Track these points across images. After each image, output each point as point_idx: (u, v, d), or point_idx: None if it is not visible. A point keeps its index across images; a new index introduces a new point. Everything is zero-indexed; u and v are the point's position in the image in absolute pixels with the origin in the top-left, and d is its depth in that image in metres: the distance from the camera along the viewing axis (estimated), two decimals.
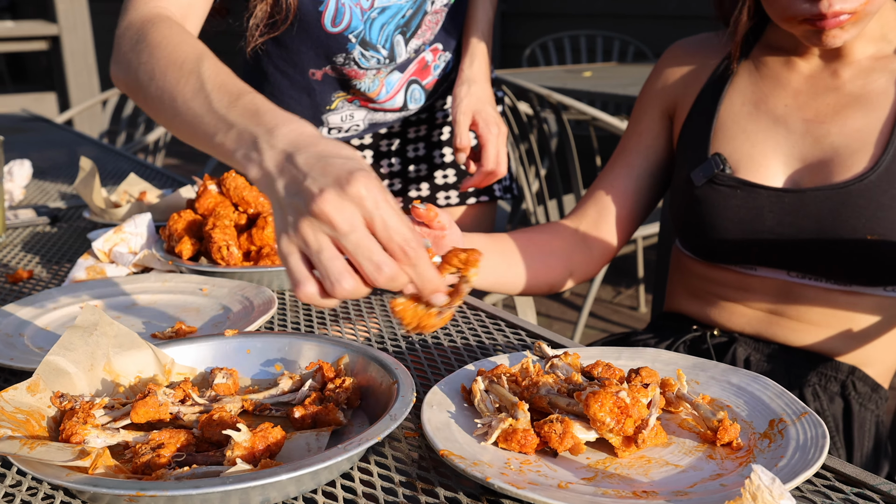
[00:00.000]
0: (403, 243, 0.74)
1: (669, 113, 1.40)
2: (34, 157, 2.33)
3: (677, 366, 0.95)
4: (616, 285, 4.16)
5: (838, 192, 1.17)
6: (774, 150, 1.24)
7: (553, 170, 3.17)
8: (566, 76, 4.08)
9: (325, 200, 0.73)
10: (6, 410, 0.80)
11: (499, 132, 1.56)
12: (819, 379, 1.25)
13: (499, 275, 1.32)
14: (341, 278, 0.74)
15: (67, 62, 5.53)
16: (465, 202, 1.82)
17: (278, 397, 0.90)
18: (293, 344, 0.98)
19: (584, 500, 0.71)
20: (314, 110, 1.68)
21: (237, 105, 0.86)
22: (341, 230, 0.73)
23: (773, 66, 1.29)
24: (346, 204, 0.73)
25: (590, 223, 1.41)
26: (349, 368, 0.94)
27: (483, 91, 1.59)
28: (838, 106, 1.22)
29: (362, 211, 0.73)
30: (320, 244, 0.74)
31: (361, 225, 0.74)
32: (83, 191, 1.63)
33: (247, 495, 0.73)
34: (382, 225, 0.74)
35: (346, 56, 1.55)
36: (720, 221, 1.25)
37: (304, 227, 0.74)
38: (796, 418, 0.81)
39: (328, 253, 0.74)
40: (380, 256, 0.74)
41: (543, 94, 3.01)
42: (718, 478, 0.75)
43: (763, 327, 1.29)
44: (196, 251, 1.34)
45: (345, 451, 0.75)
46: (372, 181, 0.74)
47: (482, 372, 0.91)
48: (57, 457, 0.74)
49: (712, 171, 1.26)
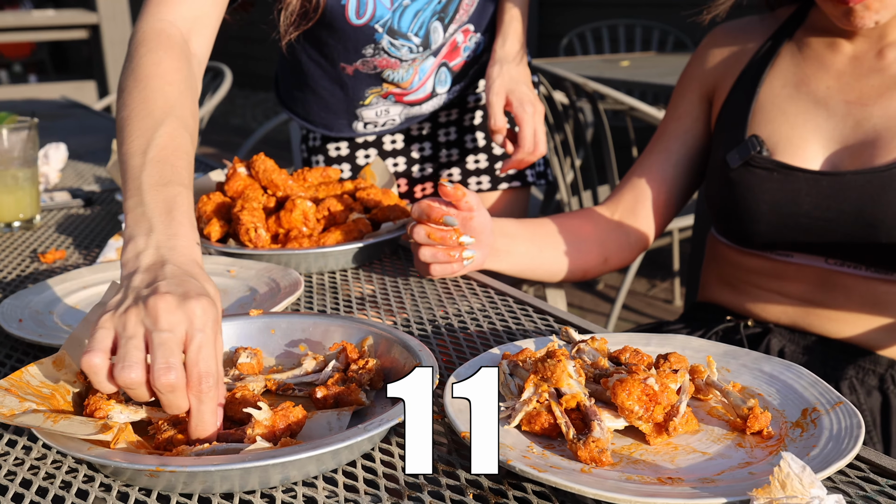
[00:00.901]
0: (204, 374, 0.76)
1: (709, 96, 1.37)
2: (71, 142, 2.34)
3: (708, 353, 0.92)
4: (651, 278, 4.12)
5: (879, 175, 1.14)
6: (814, 132, 1.21)
7: (588, 160, 3.14)
8: (603, 65, 4.04)
9: (163, 300, 0.77)
10: (32, 384, 0.81)
11: (534, 111, 1.52)
12: (857, 372, 1.22)
13: (530, 259, 1.31)
14: (133, 367, 0.75)
15: (107, 50, 5.57)
16: (497, 188, 1.80)
17: (301, 377, 0.89)
18: (317, 325, 0.97)
19: (608, 485, 0.69)
20: (348, 104, 1.67)
21: (161, 192, 0.91)
22: (159, 326, 0.76)
23: (816, 48, 1.26)
24: (179, 312, 0.77)
25: (626, 209, 1.39)
26: (373, 350, 0.93)
27: (516, 70, 1.56)
28: (882, 88, 1.18)
29: (188, 326, 0.77)
30: (135, 332, 0.76)
31: (179, 334, 0.76)
32: (115, 174, 1.63)
33: (266, 473, 0.73)
34: (196, 347, 0.77)
35: (375, 46, 1.54)
36: (755, 205, 1.22)
37: (131, 313, 0.77)
38: (830, 408, 0.79)
39: (136, 342, 0.76)
40: (175, 362, 0.75)
41: (579, 82, 2.98)
42: (747, 466, 0.73)
43: (799, 318, 1.26)
44: (224, 233, 1.33)
45: (365, 430, 0.74)
46: (211, 311, 0.78)
47: (507, 356, 0.89)
48: (80, 430, 0.75)
49: (748, 152, 1.23)
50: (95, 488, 0.75)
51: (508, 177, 1.79)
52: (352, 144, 1.78)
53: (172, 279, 0.81)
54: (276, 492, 0.74)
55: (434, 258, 1.18)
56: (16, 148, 1.48)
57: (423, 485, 0.74)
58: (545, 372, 0.81)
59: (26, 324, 1.04)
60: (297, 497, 0.73)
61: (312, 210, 1.31)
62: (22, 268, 1.34)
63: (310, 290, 1.23)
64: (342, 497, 0.73)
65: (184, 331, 0.77)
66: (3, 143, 1.47)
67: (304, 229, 1.31)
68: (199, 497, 0.73)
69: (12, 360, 1.00)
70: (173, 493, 0.73)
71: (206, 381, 0.76)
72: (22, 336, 0.99)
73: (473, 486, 0.74)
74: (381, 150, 1.79)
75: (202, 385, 0.76)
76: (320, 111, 1.71)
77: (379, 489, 0.74)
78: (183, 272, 0.83)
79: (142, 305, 0.77)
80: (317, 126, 1.74)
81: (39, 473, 0.77)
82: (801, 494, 0.62)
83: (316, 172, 1.43)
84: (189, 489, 0.73)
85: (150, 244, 0.86)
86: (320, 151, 1.80)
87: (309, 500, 0.72)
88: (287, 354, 0.96)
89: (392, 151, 1.79)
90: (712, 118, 1.36)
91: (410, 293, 1.21)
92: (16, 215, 1.51)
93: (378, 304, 1.17)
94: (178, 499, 0.73)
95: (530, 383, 0.81)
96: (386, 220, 1.35)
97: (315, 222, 1.32)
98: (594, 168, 3.14)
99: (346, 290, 1.22)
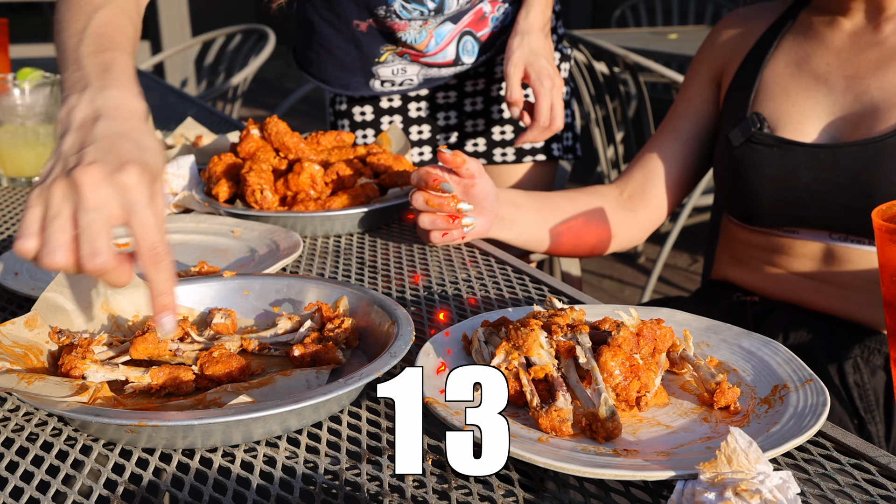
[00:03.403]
0: (153, 244, 0.75)
1: (718, 78, 1.38)
2: None
3: (689, 327, 0.91)
4: (693, 252, 4.08)
5: (874, 145, 1.14)
6: (814, 108, 1.21)
7: (629, 133, 3.11)
8: (650, 38, 3.98)
9: (88, 172, 0.73)
10: (4, 344, 0.80)
11: (552, 85, 1.51)
12: (862, 351, 1.20)
13: (536, 230, 1.30)
14: (57, 250, 0.73)
15: (161, 11, 5.62)
16: (521, 160, 1.78)
17: (278, 337, 0.90)
18: (292, 286, 0.97)
19: (561, 454, 0.69)
20: (363, 62, 1.66)
21: (98, 56, 0.88)
22: (85, 205, 0.73)
23: (817, 27, 1.27)
24: (106, 186, 0.73)
25: (635, 187, 1.39)
26: (348, 310, 0.93)
27: (537, 43, 1.55)
28: (880, 61, 1.18)
29: (122, 200, 0.74)
30: (59, 210, 0.73)
31: (108, 210, 0.73)
32: None
33: (248, 427, 0.73)
34: (138, 223, 0.74)
35: (386, 8, 1.53)
36: (757, 181, 1.22)
37: (55, 188, 0.74)
38: (800, 385, 0.77)
39: (60, 223, 0.73)
40: (101, 244, 0.73)
41: (620, 54, 2.94)
42: (708, 440, 0.73)
43: (806, 294, 1.24)
44: (232, 194, 1.34)
45: (345, 384, 0.75)
46: (145, 177, 0.75)
47: (485, 323, 0.89)
48: (55, 392, 0.74)
49: (750, 129, 1.24)
50: (76, 450, 0.76)
51: (534, 150, 1.78)
52: (377, 110, 1.78)
53: (103, 141, 0.77)
54: (238, 451, 0.75)
55: (433, 225, 1.18)
56: (38, 104, 1.51)
57: (383, 448, 0.75)
58: (517, 340, 0.81)
59: (22, 277, 1.06)
60: (258, 456, 0.74)
61: (320, 174, 1.32)
62: None
63: (312, 253, 1.24)
64: (301, 459, 0.74)
65: (115, 206, 0.74)
66: (25, 99, 1.49)
67: (312, 192, 1.31)
68: (183, 451, 0.74)
69: (6, 312, 1.02)
70: (156, 449, 0.74)
71: (156, 250, 0.75)
72: (15, 289, 1.01)
73: (433, 451, 0.74)
74: (406, 116, 1.78)
75: (154, 256, 0.75)
76: (336, 70, 1.71)
77: (340, 451, 0.74)
78: (115, 131, 0.79)
79: (66, 179, 0.74)
80: (333, 86, 1.74)
81: (9, 425, 0.79)
82: (747, 470, 0.62)
83: (330, 136, 1.43)
84: (171, 445, 0.74)
85: (84, 98, 0.82)
86: (346, 115, 1.80)
87: (269, 460, 0.73)
88: (264, 315, 0.96)
89: (417, 119, 1.79)
90: (720, 99, 1.37)
91: (411, 260, 1.21)
92: (36, 171, 1.54)
93: (377, 270, 1.17)
94: (158, 455, 0.74)
95: (502, 350, 0.81)
96: (394, 186, 1.35)
97: (323, 186, 1.32)
98: (634, 140, 3.11)
99: (349, 255, 1.23)
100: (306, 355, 0.85)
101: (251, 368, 0.85)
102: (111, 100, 0.82)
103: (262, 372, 0.86)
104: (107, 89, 0.83)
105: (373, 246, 1.27)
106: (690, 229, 4.07)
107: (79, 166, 0.74)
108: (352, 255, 1.23)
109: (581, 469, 0.66)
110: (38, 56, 4.30)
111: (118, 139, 0.78)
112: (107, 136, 0.78)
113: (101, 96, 0.82)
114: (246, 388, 0.80)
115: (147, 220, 0.75)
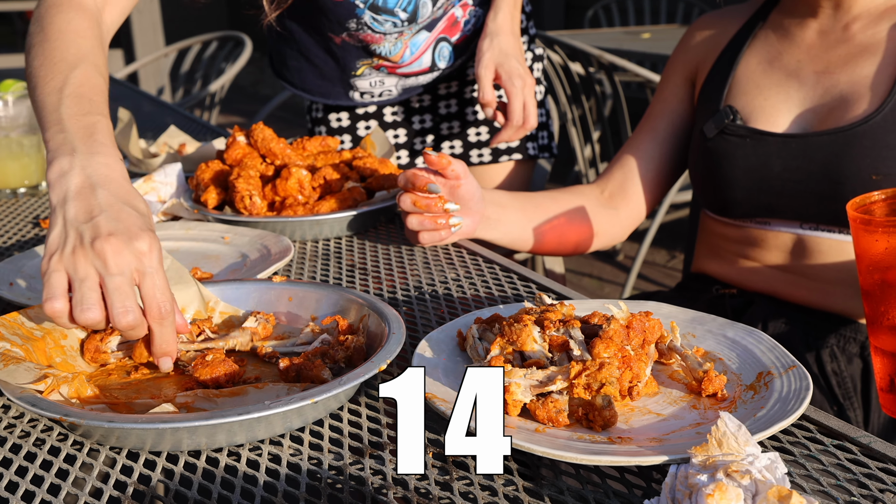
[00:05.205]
0: (161, 304, 0.84)
1: (692, 78, 1.42)
2: None
3: (675, 318, 0.95)
4: (671, 249, 4.13)
5: (843, 134, 1.18)
6: (785, 101, 1.26)
7: (605, 132, 3.14)
8: (624, 38, 4.02)
9: (109, 243, 0.82)
10: (25, 326, 0.87)
11: (524, 84, 1.54)
12: (838, 340, 1.24)
13: (521, 229, 1.33)
14: (91, 308, 0.82)
15: (133, 19, 5.62)
16: (498, 160, 1.81)
17: (292, 347, 0.91)
18: (329, 297, 0.99)
19: (558, 443, 0.72)
20: (341, 73, 1.68)
21: (81, 119, 0.94)
22: (110, 270, 0.82)
23: (787, 27, 1.31)
24: (126, 254, 0.82)
25: (616, 186, 1.43)
26: (366, 327, 0.93)
27: (507, 43, 1.57)
28: (848, 56, 1.23)
29: (138, 265, 0.83)
30: (87, 274, 0.82)
31: (129, 274, 0.83)
32: (121, 141, 1.66)
33: (232, 430, 0.76)
34: (150, 285, 0.84)
35: (357, 21, 1.55)
36: (731, 171, 1.27)
37: (79, 255, 0.83)
38: (783, 371, 0.81)
39: (90, 283, 0.82)
40: (131, 304, 0.82)
41: (595, 54, 2.98)
42: (697, 426, 0.75)
43: (781, 287, 1.28)
44: (221, 200, 1.36)
45: (339, 384, 0.77)
46: (156, 244, 0.85)
47: (478, 320, 0.92)
48: (20, 378, 0.78)
49: (723, 121, 1.28)
50: (68, 446, 0.78)
51: (510, 149, 1.80)
52: (352, 115, 1.80)
53: (109, 210, 0.85)
54: (243, 450, 0.77)
55: (421, 226, 1.21)
56: (21, 115, 1.52)
57: (385, 444, 0.77)
58: (511, 335, 0.83)
59: (16, 287, 1.07)
60: (263, 455, 0.76)
61: (308, 178, 1.34)
62: (23, 233, 1.38)
63: (303, 257, 1.26)
64: (306, 455, 0.76)
65: (133, 269, 0.83)
66: (8, 110, 1.50)
67: (300, 197, 1.33)
68: (168, 455, 0.76)
69: None
70: (143, 451, 0.76)
71: (164, 308, 0.84)
72: (11, 299, 1.02)
73: (433, 445, 0.77)
74: (382, 121, 1.80)
75: (161, 313, 0.84)
76: (315, 79, 1.73)
77: (343, 448, 0.77)
78: (115, 199, 0.87)
79: (89, 248, 0.82)
80: (313, 94, 1.75)
81: (15, 431, 0.81)
82: (737, 452, 0.65)
83: (315, 142, 1.45)
84: (158, 447, 0.76)
85: (75, 164, 0.89)
86: (322, 122, 1.82)
87: (274, 457, 0.76)
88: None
89: (393, 123, 1.81)
90: (695, 97, 1.41)
91: (400, 261, 1.23)
92: (21, 182, 1.55)
93: (367, 272, 1.20)
94: (146, 456, 0.76)
95: (496, 345, 0.83)
96: (381, 189, 1.37)
97: (311, 190, 1.34)
98: (610, 139, 3.15)
99: (338, 259, 1.25)
100: (290, 369, 0.87)
101: (243, 375, 0.87)
102: (102, 167, 0.90)
103: (255, 379, 0.88)
104: (95, 156, 0.90)
105: (362, 248, 1.29)
106: (668, 226, 4.12)
107: (99, 238, 0.83)
108: (342, 257, 1.25)
109: (578, 457, 0.69)
110: (9, 67, 4.30)
111: (121, 207, 0.86)
112: (111, 206, 0.86)
113: (91, 163, 0.89)
114: (216, 396, 0.82)
115: (159, 282, 0.84)
